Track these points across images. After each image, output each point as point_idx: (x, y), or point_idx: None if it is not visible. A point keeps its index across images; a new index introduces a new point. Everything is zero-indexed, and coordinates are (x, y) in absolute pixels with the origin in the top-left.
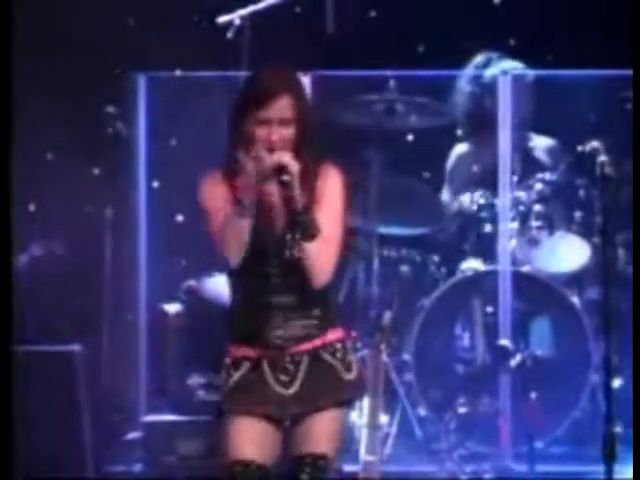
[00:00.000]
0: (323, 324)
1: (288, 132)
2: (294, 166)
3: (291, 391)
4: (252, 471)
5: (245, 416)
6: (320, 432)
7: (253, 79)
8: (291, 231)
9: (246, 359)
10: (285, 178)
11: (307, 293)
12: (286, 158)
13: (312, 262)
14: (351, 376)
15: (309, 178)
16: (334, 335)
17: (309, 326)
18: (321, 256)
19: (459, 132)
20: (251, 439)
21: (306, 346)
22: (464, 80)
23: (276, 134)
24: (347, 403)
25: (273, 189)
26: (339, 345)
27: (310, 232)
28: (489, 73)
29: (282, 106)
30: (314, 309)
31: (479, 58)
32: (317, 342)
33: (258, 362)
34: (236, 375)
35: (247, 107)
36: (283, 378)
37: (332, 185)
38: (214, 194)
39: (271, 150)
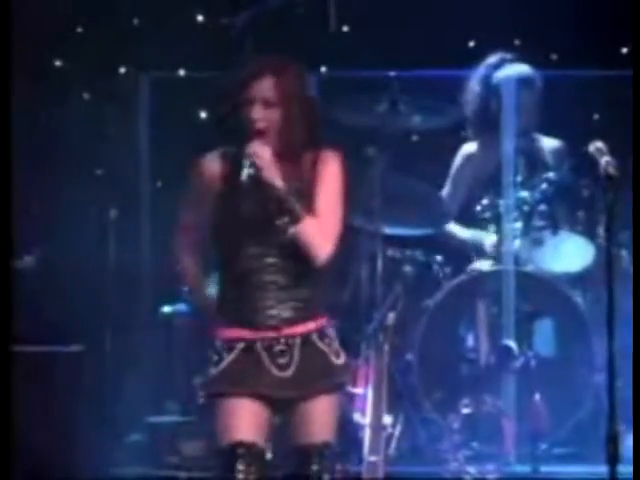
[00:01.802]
0: (313, 307)
1: (272, 114)
2: (264, 153)
3: (288, 374)
4: (254, 453)
5: (240, 398)
6: (321, 420)
7: (243, 64)
8: (280, 216)
9: (240, 340)
10: (249, 171)
11: (299, 274)
12: (255, 148)
13: (308, 243)
14: (340, 361)
15: (298, 162)
16: (322, 321)
17: (300, 308)
18: (317, 236)
19: (466, 132)
20: (250, 421)
21: (299, 329)
22: (473, 80)
23: (258, 113)
24: (339, 387)
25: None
26: (327, 331)
27: (295, 216)
28: (499, 75)
29: (265, 87)
30: (305, 291)
31: (491, 59)
32: (310, 325)
33: (252, 344)
34: (230, 357)
35: (234, 88)
36: (280, 361)
37: (330, 169)
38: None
39: (253, 131)
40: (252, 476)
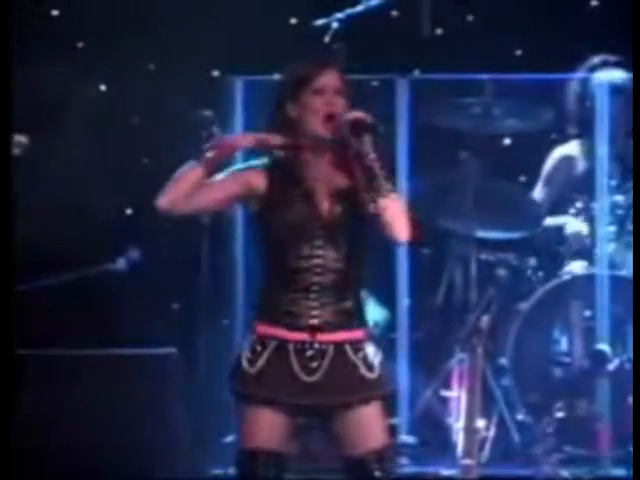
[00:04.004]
0: (354, 317)
1: (340, 101)
2: (370, 120)
3: (314, 378)
4: (274, 461)
5: (267, 403)
6: (372, 425)
7: (299, 63)
8: (369, 190)
9: (273, 338)
10: (366, 135)
11: (346, 280)
12: (358, 114)
13: (392, 221)
14: (373, 375)
15: None
16: (359, 333)
17: (339, 315)
18: (402, 215)
19: (561, 134)
20: (273, 427)
21: (334, 337)
22: (574, 81)
23: (331, 99)
24: (376, 399)
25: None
26: (363, 345)
27: (385, 188)
28: (595, 78)
29: (334, 77)
30: (347, 298)
31: (594, 60)
32: (345, 335)
33: (285, 344)
34: (263, 358)
35: (303, 78)
36: (309, 365)
37: None
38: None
39: (329, 118)
40: None
